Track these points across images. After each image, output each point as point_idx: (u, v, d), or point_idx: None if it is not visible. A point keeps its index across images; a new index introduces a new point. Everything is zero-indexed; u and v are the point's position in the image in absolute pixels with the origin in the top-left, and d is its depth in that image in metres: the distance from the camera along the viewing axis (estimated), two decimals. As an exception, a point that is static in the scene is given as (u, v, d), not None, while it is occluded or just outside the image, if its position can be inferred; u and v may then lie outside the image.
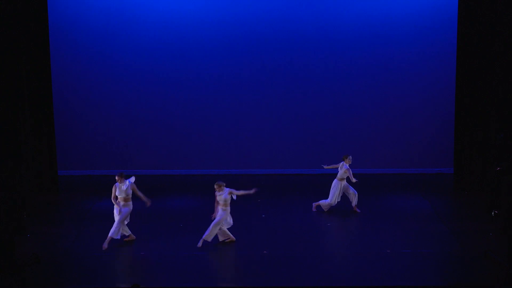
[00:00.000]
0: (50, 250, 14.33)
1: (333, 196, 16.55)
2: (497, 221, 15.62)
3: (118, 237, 14.55)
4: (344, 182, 16.56)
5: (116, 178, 14.67)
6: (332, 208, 17.00)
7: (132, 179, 14.73)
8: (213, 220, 14.56)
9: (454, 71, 18.45)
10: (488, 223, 15.70)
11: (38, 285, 12.70)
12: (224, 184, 14.58)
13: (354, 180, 16.28)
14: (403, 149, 20.00)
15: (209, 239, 14.52)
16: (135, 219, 15.46)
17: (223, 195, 14.48)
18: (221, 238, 14.75)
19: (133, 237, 14.83)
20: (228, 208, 14.57)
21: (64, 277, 13.22)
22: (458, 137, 18.34)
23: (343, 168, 16.47)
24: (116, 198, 14.59)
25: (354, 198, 16.62)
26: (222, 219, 14.52)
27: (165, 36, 19.58)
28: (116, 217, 14.55)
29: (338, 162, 16.77)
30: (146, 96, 19.87)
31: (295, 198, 17.94)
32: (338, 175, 16.58)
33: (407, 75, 19.73)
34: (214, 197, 14.64)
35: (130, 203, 14.71)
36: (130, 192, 14.67)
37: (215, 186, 14.52)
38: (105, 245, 14.32)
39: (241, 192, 14.59)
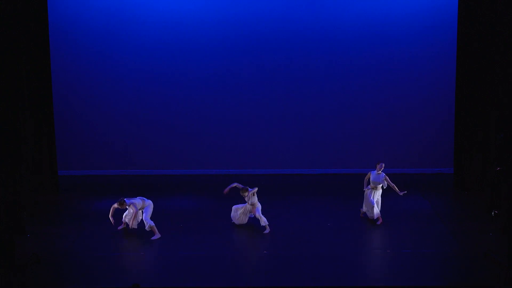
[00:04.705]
0: (50, 250, 14.33)
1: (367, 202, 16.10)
2: (497, 221, 15.62)
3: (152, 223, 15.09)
4: (377, 191, 15.97)
5: (119, 207, 15.03)
6: (332, 208, 17.03)
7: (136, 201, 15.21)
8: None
9: (454, 71, 18.45)
10: (488, 223, 15.70)
11: (38, 285, 12.70)
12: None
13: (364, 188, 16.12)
14: (403, 149, 20.00)
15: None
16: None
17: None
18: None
19: (125, 226, 15.46)
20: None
21: (64, 277, 13.22)
22: (458, 137, 18.34)
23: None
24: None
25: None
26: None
27: (165, 36, 19.58)
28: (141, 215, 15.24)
29: (338, 163, 16.75)
30: (146, 96, 19.87)
31: (295, 198, 17.94)
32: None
33: (407, 75, 19.73)
34: (213, 196, 14.63)
35: (147, 202, 15.22)
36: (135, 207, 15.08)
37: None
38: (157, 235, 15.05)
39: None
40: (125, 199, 14.96)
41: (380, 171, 15.88)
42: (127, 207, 15.02)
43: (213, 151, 20.11)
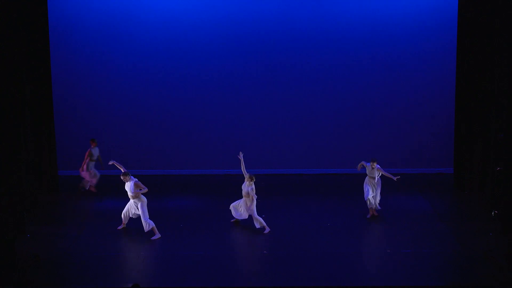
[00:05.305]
0: (50, 250, 14.33)
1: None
2: (497, 221, 15.62)
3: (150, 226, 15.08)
4: (373, 181, 16.20)
5: (122, 178, 15.10)
6: (332, 208, 17.05)
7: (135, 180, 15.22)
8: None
9: (454, 71, 18.45)
10: (488, 223, 15.70)
11: (38, 285, 12.70)
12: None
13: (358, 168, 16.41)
14: (403, 149, 20.00)
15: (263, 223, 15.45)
16: (135, 219, 15.46)
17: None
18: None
19: (124, 226, 15.53)
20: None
21: (64, 277, 13.22)
22: (458, 137, 18.34)
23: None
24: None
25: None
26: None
27: (165, 36, 19.57)
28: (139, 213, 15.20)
29: (338, 163, 16.72)
30: (146, 96, 19.87)
31: (295, 198, 17.94)
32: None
33: (407, 75, 19.73)
34: (213, 196, 14.64)
35: (143, 197, 15.14)
36: (137, 190, 15.04)
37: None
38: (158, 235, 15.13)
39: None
40: (131, 176, 15.12)
41: (373, 168, 15.94)
42: (128, 181, 15.09)
43: (213, 151, 20.10)
